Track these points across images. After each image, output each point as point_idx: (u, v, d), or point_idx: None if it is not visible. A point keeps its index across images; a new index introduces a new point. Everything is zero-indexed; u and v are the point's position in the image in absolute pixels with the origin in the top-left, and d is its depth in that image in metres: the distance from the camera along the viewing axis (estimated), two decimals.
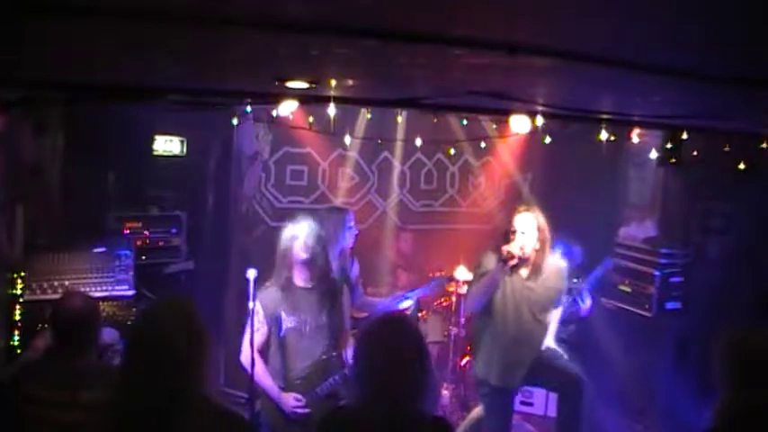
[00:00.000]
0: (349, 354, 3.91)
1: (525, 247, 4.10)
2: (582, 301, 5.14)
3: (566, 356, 4.48)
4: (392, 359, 2.11)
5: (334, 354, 3.89)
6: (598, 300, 5.44)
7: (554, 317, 4.55)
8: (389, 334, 2.19)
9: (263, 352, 3.80)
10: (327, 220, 4.52)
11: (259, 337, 3.71)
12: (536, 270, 4.17)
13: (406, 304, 5.23)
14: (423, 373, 2.15)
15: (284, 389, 3.78)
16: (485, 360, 4.31)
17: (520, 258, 4.09)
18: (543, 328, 4.31)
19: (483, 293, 4.19)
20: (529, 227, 4.12)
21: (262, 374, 3.72)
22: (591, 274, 5.22)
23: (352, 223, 4.69)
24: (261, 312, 3.75)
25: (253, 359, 3.57)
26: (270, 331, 3.79)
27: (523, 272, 4.19)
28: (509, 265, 4.09)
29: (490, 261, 4.17)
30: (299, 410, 3.75)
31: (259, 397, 3.79)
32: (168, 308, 2.14)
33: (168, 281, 5.31)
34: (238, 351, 3.78)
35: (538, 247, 4.13)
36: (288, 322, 3.77)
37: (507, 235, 4.15)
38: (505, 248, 4.07)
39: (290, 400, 3.75)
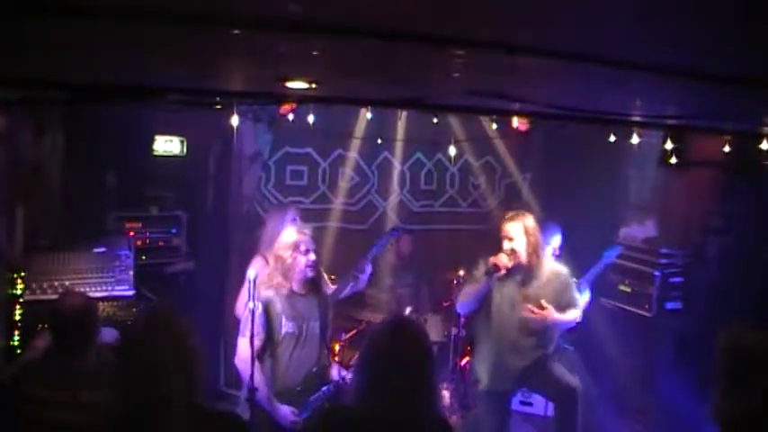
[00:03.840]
0: (334, 368, 3.91)
1: (519, 254, 4.10)
2: (580, 293, 5.12)
3: (562, 365, 4.46)
4: (399, 364, 2.11)
5: (325, 363, 3.85)
6: (597, 298, 5.42)
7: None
8: (395, 338, 2.18)
9: (259, 357, 3.66)
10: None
11: (258, 342, 3.59)
12: (531, 276, 4.17)
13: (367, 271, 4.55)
14: (429, 375, 2.15)
15: (275, 396, 3.67)
16: (479, 362, 4.36)
17: (507, 269, 4.09)
18: (539, 334, 4.23)
19: (472, 299, 4.24)
20: (517, 233, 4.12)
21: (258, 381, 3.58)
22: (590, 271, 5.20)
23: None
24: (263, 316, 3.66)
25: (253, 361, 3.48)
26: (267, 336, 3.69)
27: (518, 278, 4.18)
28: (495, 276, 4.10)
29: (482, 267, 4.17)
30: (293, 420, 3.64)
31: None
32: (156, 319, 2.16)
33: (168, 281, 5.31)
34: (236, 352, 3.73)
35: (530, 251, 4.13)
36: (287, 327, 3.71)
37: (500, 242, 4.15)
38: (492, 260, 4.08)
39: (286, 412, 3.64)
